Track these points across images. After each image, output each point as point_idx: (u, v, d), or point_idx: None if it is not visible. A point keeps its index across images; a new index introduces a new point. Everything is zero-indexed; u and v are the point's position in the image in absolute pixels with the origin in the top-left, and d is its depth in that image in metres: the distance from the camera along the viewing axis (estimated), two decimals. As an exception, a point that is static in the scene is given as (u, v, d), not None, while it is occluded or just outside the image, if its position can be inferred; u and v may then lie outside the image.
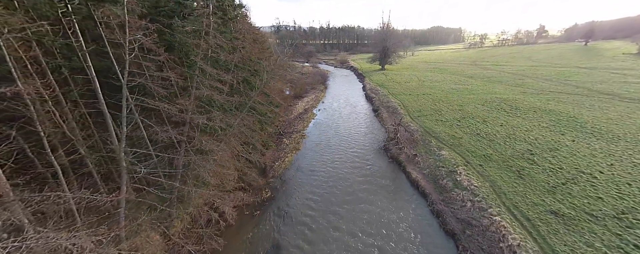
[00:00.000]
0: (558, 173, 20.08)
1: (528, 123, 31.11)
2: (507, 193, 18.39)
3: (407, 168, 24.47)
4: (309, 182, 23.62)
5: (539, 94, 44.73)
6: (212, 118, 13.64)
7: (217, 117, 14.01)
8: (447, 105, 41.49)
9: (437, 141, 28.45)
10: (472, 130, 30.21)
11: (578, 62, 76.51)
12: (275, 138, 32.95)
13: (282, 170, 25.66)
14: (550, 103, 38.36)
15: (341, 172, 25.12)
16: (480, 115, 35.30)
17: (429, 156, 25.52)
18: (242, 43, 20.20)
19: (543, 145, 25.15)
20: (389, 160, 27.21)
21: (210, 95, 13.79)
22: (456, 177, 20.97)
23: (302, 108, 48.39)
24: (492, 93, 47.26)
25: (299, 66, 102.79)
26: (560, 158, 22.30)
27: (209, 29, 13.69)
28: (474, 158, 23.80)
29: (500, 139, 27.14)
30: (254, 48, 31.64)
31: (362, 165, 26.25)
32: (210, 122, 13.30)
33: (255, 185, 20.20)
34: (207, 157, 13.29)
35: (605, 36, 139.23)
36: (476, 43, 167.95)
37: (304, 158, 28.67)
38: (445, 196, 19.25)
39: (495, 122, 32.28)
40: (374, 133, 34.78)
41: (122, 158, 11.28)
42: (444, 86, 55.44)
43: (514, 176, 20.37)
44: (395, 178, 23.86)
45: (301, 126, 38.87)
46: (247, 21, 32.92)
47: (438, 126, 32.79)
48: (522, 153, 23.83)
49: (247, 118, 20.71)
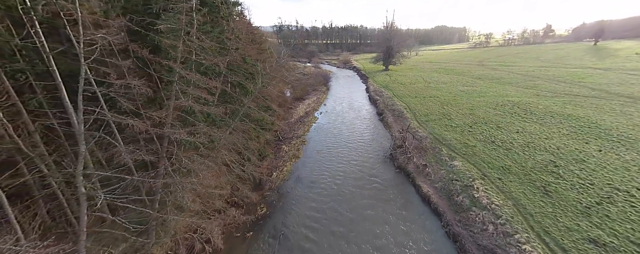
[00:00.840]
0: (590, 190, 17.77)
1: (546, 129, 28.72)
2: (534, 214, 16.13)
3: (416, 180, 22.26)
4: (309, 196, 21.50)
5: (554, 97, 42.22)
6: (195, 131, 11.59)
7: (201, 130, 11.96)
8: (456, 108, 39.16)
9: (448, 150, 26.18)
10: (486, 137, 27.90)
11: (590, 63, 73.58)
12: (274, 145, 30.89)
13: (280, 182, 23.55)
14: (567, 107, 35.87)
15: (344, 184, 22.97)
16: (493, 120, 32.95)
17: (440, 167, 23.28)
18: (236, 43, 18.15)
19: (567, 155, 22.80)
20: (395, 170, 25.01)
21: (193, 105, 11.73)
22: (473, 193, 18.73)
23: (303, 111, 46.29)
24: (503, 95, 44.80)
25: (301, 66, 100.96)
26: (589, 172, 19.97)
27: (191, 28, 11.63)
28: (491, 170, 21.52)
29: (518, 148, 24.81)
30: (251, 49, 29.61)
31: (367, 176, 24.07)
32: (193, 136, 11.27)
33: (249, 201, 18.12)
34: (189, 178, 11.26)
35: (614, 36, 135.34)
36: (481, 43, 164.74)
37: (304, 167, 26.56)
38: (462, 216, 17.02)
39: (510, 128, 29.93)
40: (379, 139, 32.58)
41: (81, 182, 9.27)
42: (451, 88, 53.02)
43: (539, 193, 18.09)
44: (404, 191, 21.66)
45: (302, 131, 36.80)
46: (243, 20, 30.86)
47: (448, 132, 30.51)
48: (544, 164, 21.51)
49: (241, 126, 18.64)
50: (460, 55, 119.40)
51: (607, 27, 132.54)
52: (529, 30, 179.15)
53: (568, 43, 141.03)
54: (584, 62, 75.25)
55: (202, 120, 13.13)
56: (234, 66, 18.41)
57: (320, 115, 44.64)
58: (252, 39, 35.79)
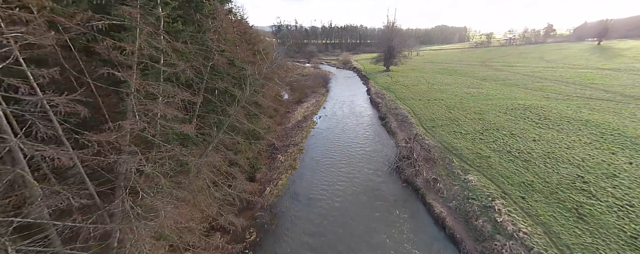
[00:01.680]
0: (631, 214, 15.36)
1: (566, 137, 26.32)
2: (571, 246, 13.72)
3: (426, 197, 19.81)
4: (306, 216, 19.03)
5: (566, 100, 39.86)
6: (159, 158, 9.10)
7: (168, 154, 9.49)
8: (463, 112, 36.74)
9: (460, 161, 23.75)
10: (500, 147, 25.47)
11: (597, 63, 71.28)
12: (268, 154, 28.40)
13: (274, 198, 21.06)
14: (583, 112, 33.48)
15: (345, 201, 20.52)
16: (505, 126, 30.54)
17: (453, 182, 20.85)
18: (220, 45, 15.66)
19: (595, 168, 20.40)
20: (402, 184, 22.56)
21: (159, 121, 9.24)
22: (494, 216, 16.29)
23: (301, 115, 43.83)
24: (512, 98, 42.40)
25: (300, 67, 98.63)
26: (625, 190, 17.56)
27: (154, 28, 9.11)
28: (512, 187, 19.10)
29: (538, 160, 22.40)
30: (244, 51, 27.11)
31: (371, 191, 21.62)
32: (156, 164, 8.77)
33: (235, 228, 15.63)
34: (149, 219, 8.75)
35: (617, 35, 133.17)
36: (482, 43, 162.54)
37: (301, 180, 24.09)
38: (485, 247, 14.58)
39: (525, 135, 27.51)
40: (382, 147, 30.09)
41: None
42: (456, 90, 50.61)
43: (572, 217, 15.67)
44: (414, 211, 19.21)
45: (299, 137, 34.32)
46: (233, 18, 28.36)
47: (458, 140, 28.07)
48: (572, 180, 19.10)
49: (228, 140, 16.15)
50: (462, 55, 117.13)
51: (610, 27, 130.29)
52: (530, 29, 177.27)
53: (570, 43, 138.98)
54: (590, 62, 72.98)
55: (174, 139, 10.68)
56: (220, 70, 15.94)
57: (319, 119, 42.19)
58: (246, 39, 33.31)
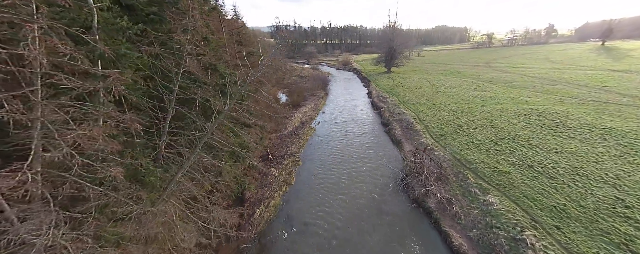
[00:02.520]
0: (695, 253, 12.70)
1: (591, 148, 23.65)
2: (631, 298, 11.05)
3: (441, 223, 17.05)
4: (301, 249, 16.24)
5: (581, 104, 37.21)
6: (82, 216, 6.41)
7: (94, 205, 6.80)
8: (473, 118, 34.06)
9: (475, 178, 21.04)
10: (520, 160, 22.77)
11: (606, 64, 68.77)
12: (261, 167, 25.58)
13: (263, 224, 18.27)
14: (603, 118, 30.83)
15: (347, 226, 17.77)
16: (520, 134, 27.85)
17: (470, 204, 18.13)
18: (197, 48, 12.97)
19: (633, 188, 17.71)
20: (411, 204, 19.85)
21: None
22: (527, 253, 13.58)
23: (298, 120, 41.05)
24: (523, 102, 39.76)
25: (299, 68, 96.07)
26: (677, 217, 14.89)
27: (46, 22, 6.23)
28: (542, 213, 16.38)
29: (565, 177, 19.70)
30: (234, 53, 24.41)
31: (376, 215, 18.87)
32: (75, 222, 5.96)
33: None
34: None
35: (621, 35, 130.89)
36: (484, 43, 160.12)
37: (297, 198, 21.36)
38: (520, 295, 11.87)
39: (545, 146, 24.82)
40: (387, 161, 27.31)
41: None
42: (462, 93, 47.96)
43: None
44: (426, 240, 16.46)
45: (296, 146, 31.52)
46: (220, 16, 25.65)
47: (471, 151, 25.37)
48: (611, 204, 16.40)
49: (206, 161, 13.41)
50: (464, 56, 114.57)
51: (615, 27, 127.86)
52: (531, 29, 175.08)
53: (574, 44, 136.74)
54: (599, 64, 70.46)
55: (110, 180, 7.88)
56: (196, 78, 13.26)
57: (317, 125, 39.46)
58: (237, 40, 30.62)
